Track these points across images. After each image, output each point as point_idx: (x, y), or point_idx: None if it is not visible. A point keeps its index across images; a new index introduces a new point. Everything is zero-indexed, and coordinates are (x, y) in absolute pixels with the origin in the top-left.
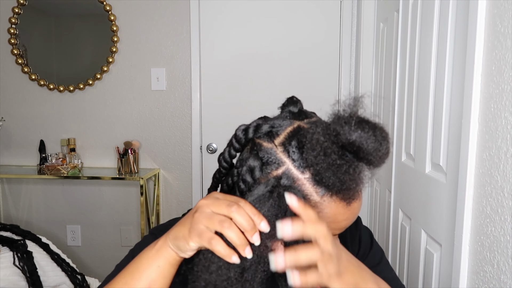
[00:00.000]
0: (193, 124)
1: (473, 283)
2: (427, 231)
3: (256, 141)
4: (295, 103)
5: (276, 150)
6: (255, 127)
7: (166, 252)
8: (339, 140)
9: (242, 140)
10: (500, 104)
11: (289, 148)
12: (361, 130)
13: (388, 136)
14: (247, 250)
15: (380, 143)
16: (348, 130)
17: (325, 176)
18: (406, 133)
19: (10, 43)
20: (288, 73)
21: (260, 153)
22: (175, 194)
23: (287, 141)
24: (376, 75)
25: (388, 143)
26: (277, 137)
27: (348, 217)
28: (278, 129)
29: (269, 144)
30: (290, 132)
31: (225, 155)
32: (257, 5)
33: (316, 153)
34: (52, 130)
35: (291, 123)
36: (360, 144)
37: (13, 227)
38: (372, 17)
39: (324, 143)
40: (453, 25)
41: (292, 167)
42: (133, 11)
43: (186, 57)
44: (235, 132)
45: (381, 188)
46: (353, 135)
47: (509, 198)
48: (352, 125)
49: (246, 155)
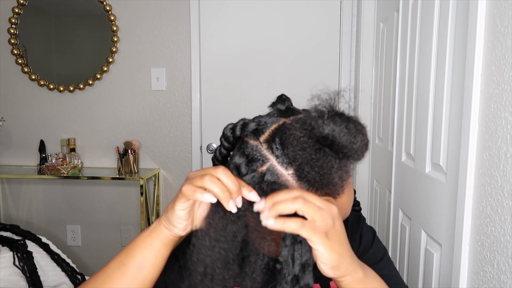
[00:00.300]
0: (193, 124)
1: (473, 283)
2: (427, 231)
3: (243, 139)
4: (284, 101)
5: (261, 147)
6: (242, 125)
7: (159, 232)
8: (314, 135)
9: (230, 138)
10: (500, 104)
11: (272, 145)
12: (333, 124)
13: (364, 129)
14: (231, 203)
15: (354, 136)
16: (321, 123)
17: (305, 171)
18: (406, 133)
19: (10, 43)
20: (288, 73)
21: (246, 150)
22: (175, 194)
23: (271, 138)
24: (376, 75)
25: (364, 135)
26: (262, 135)
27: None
28: (264, 127)
29: (255, 142)
30: (275, 129)
31: (216, 154)
32: (257, 5)
33: (293, 148)
34: (52, 130)
35: (276, 121)
36: (333, 138)
37: (13, 227)
38: (372, 17)
39: (300, 138)
40: (453, 25)
41: (276, 163)
42: (133, 11)
43: (186, 57)
44: (223, 131)
45: (381, 188)
46: (325, 129)
47: (509, 198)
48: (325, 119)
49: (234, 152)
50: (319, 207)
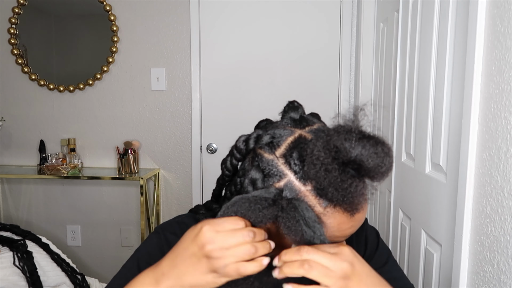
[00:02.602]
0: (193, 124)
1: (473, 283)
2: (427, 231)
3: (257, 151)
4: (296, 108)
5: (278, 162)
6: (256, 138)
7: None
8: (340, 157)
9: (243, 151)
10: (500, 104)
11: (290, 160)
12: (362, 148)
13: (391, 151)
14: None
15: (382, 160)
16: (349, 147)
17: (327, 190)
18: (406, 133)
19: (10, 43)
20: (287, 73)
21: (261, 165)
22: (175, 194)
23: (288, 153)
24: (376, 75)
25: (391, 158)
26: (278, 148)
27: (353, 225)
28: (279, 140)
29: (270, 156)
30: (291, 143)
31: (227, 164)
32: (257, 5)
33: (316, 169)
34: (52, 130)
35: (291, 133)
36: (360, 162)
37: (13, 227)
38: (372, 17)
39: (324, 160)
40: (453, 25)
41: (294, 179)
42: (133, 11)
43: (186, 57)
44: (236, 143)
45: (381, 188)
46: (353, 153)
47: (509, 198)
48: (353, 142)
49: (247, 165)
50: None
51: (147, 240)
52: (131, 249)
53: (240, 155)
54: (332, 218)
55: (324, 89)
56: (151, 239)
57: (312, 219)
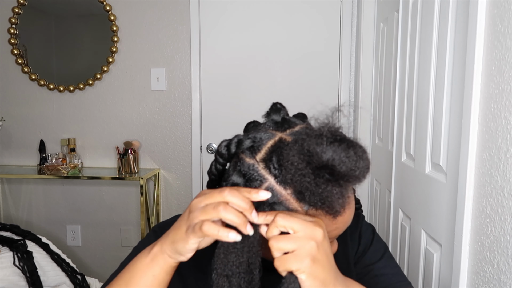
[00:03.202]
0: (193, 124)
1: (473, 283)
2: (427, 231)
3: (240, 156)
4: (278, 110)
5: (258, 166)
6: (237, 142)
7: (161, 260)
8: (313, 161)
9: (225, 155)
10: (500, 104)
11: (269, 165)
12: (332, 152)
13: (365, 154)
14: (248, 227)
15: (355, 163)
16: (320, 151)
17: (305, 196)
18: (406, 133)
19: (10, 43)
20: (287, 73)
21: (242, 169)
22: (175, 194)
23: (268, 157)
24: (376, 75)
25: (365, 161)
26: (258, 153)
27: (337, 227)
28: (259, 144)
29: (251, 160)
30: (271, 146)
31: (212, 169)
32: (257, 5)
33: (292, 174)
34: (52, 130)
35: (272, 136)
36: (332, 167)
37: (13, 227)
38: (372, 17)
39: (298, 165)
40: (453, 25)
41: (274, 183)
42: (133, 11)
43: (186, 57)
44: (217, 149)
45: (381, 188)
46: (324, 157)
47: (509, 198)
48: (324, 146)
49: (231, 170)
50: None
51: (145, 238)
52: (131, 249)
53: (222, 159)
54: None
55: (324, 89)
56: (149, 238)
57: None
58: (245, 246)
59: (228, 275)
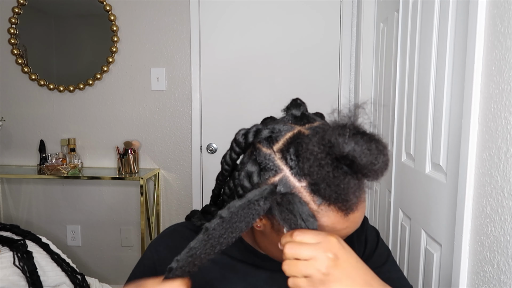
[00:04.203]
0: (193, 124)
1: (473, 283)
2: (427, 231)
3: (256, 146)
4: (299, 106)
5: (274, 157)
6: (255, 131)
7: None
8: (333, 152)
9: (242, 144)
10: (500, 104)
11: (286, 155)
12: (354, 143)
13: (386, 150)
14: None
15: (375, 157)
16: (342, 142)
17: (321, 188)
18: (406, 133)
19: (10, 43)
20: (288, 73)
21: (258, 159)
22: (175, 194)
23: (285, 148)
24: (376, 75)
25: (385, 156)
26: (276, 143)
27: (348, 226)
28: (278, 135)
29: (268, 150)
30: (289, 138)
31: (226, 158)
32: (256, 5)
33: (310, 164)
34: (52, 130)
35: (291, 129)
36: (353, 158)
37: (13, 227)
38: (372, 17)
39: (318, 154)
40: (453, 25)
41: (289, 174)
42: (133, 11)
43: (186, 57)
44: (235, 137)
45: (381, 188)
46: (346, 148)
47: (509, 198)
48: (346, 137)
49: (246, 159)
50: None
51: (141, 268)
52: (131, 249)
53: (239, 148)
54: (326, 217)
55: (324, 89)
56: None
57: (306, 213)
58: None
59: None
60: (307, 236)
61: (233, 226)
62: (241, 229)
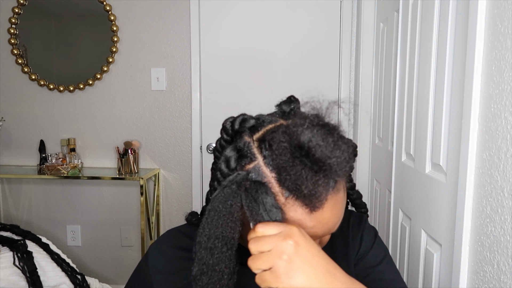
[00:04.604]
0: (193, 124)
1: (473, 283)
2: (427, 231)
3: (241, 134)
4: (290, 102)
5: (252, 145)
6: (241, 120)
7: None
8: (293, 142)
9: (229, 131)
10: (500, 104)
11: (262, 145)
12: (310, 133)
13: (345, 146)
14: None
15: (331, 151)
16: (300, 131)
17: (282, 176)
18: (406, 133)
19: (10, 43)
20: (288, 73)
21: (238, 145)
22: (175, 194)
23: (263, 138)
24: (376, 75)
25: (343, 153)
26: (257, 133)
27: (315, 226)
28: (261, 125)
29: (248, 138)
30: (270, 129)
31: (216, 146)
32: (257, 5)
33: (274, 152)
34: (52, 130)
35: (274, 121)
36: (308, 149)
37: (13, 227)
38: (372, 17)
39: (280, 143)
40: (453, 25)
41: (262, 163)
42: (133, 11)
43: (186, 57)
44: (223, 123)
45: (381, 188)
46: (302, 137)
47: (509, 198)
48: (304, 127)
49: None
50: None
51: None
52: (131, 249)
53: (226, 135)
54: (293, 211)
55: (324, 89)
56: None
57: (270, 204)
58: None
59: (211, 248)
60: (268, 228)
61: (217, 221)
62: (227, 223)
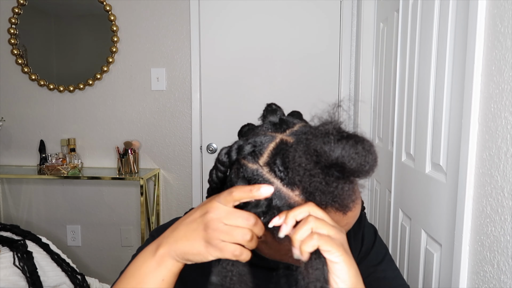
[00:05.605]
0: (193, 124)
1: (473, 283)
2: (427, 231)
3: (241, 162)
4: (275, 111)
5: (262, 171)
6: (237, 149)
7: (169, 264)
8: (321, 161)
9: (226, 163)
10: (500, 104)
11: (274, 168)
12: (341, 149)
13: (372, 147)
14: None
15: (364, 158)
16: (329, 150)
17: (315, 195)
18: (406, 133)
19: (10, 43)
20: (287, 73)
21: (246, 175)
22: (175, 194)
23: (271, 161)
24: (376, 75)
25: (373, 154)
26: (261, 157)
27: (348, 222)
28: (261, 148)
29: (254, 165)
30: (273, 149)
31: (213, 177)
32: (256, 5)
33: (300, 175)
34: (52, 130)
35: (272, 139)
36: (342, 164)
37: (13, 227)
38: (372, 17)
39: (307, 165)
40: (453, 25)
41: (281, 186)
42: (133, 11)
43: (186, 57)
44: (218, 157)
45: (381, 188)
46: (333, 155)
47: (509, 198)
48: (332, 145)
49: (234, 177)
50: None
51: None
52: (131, 249)
53: (223, 167)
54: None
55: (324, 89)
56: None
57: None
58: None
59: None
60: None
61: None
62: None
